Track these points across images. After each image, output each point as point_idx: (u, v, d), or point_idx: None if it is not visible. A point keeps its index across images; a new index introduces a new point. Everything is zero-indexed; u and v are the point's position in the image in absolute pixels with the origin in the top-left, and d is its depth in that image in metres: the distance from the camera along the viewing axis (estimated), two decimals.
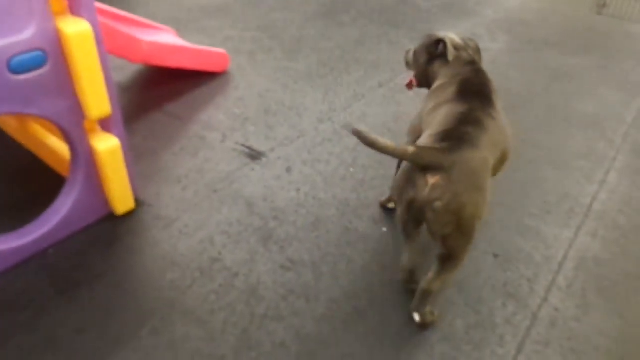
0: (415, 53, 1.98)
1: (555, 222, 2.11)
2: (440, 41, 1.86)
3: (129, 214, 2.02)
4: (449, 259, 1.55)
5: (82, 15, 1.64)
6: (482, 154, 1.46)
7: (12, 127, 2.39)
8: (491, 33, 3.80)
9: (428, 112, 1.74)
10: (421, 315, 1.64)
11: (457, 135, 1.47)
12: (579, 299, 1.79)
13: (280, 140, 2.52)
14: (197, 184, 2.21)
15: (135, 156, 2.33)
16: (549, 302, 1.77)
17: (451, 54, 1.82)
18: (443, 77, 1.83)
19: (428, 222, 1.46)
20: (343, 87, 3.03)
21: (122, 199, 1.98)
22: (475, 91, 1.69)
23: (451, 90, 1.72)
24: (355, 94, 2.96)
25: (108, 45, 2.62)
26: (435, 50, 1.88)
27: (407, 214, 1.52)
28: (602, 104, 2.97)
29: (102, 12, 2.86)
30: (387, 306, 1.72)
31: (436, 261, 1.58)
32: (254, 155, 2.40)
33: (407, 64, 2.05)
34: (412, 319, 1.67)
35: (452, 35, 1.90)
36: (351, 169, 2.34)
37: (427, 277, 1.60)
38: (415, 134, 1.82)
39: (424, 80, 1.98)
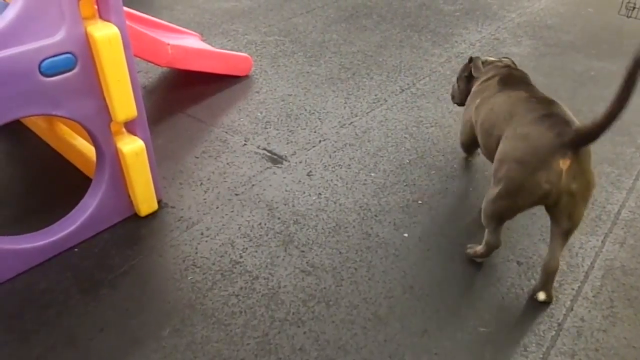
0: (456, 82, 2.30)
1: (581, 229, 2.06)
2: (471, 60, 2.14)
3: (152, 215, 2.05)
4: (570, 230, 1.65)
5: (110, 19, 1.67)
6: None
7: (40, 128, 2.45)
8: (515, 37, 3.75)
9: (477, 106, 1.94)
10: (547, 293, 1.72)
11: (559, 119, 1.58)
12: (606, 309, 1.75)
13: (301, 144, 2.52)
14: (219, 187, 2.22)
15: (158, 158, 2.36)
16: (575, 311, 1.73)
17: (476, 68, 2.09)
18: (479, 81, 2.06)
19: (561, 205, 1.57)
20: (365, 91, 3.02)
21: (145, 201, 2.00)
22: (517, 81, 1.89)
23: (493, 84, 1.93)
24: (376, 98, 2.95)
25: (134, 49, 2.66)
26: (468, 69, 2.16)
27: (530, 206, 1.63)
28: (629, 109, 2.90)
29: (129, 16, 2.91)
30: (408, 313, 1.70)
31: (557, 237, 1.66)
32: (276, 159, 2.41)
33: (453, 97, 2.39)
34: (430, 326, 1.65)
35: (486, 57, 2.15)
36: (372, 174, 2.33)
37: (552, 257, 1.67)
38: (470, 132, 2.05)
39: (465, 100, 2.21)
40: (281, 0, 4.35)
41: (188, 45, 2.94)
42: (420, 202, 2.17)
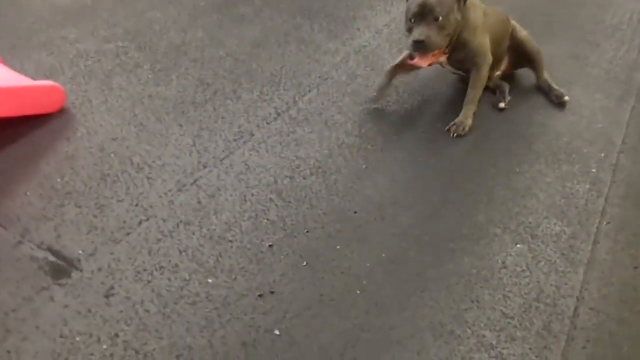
0: (444, 19, 1.97)
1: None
2: None
3: None
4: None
5: None
6: None
7: None
8: None
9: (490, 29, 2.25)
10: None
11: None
12: None
13: (109, 231, 1.66)
14: None
15: None
16: None
17: None
18: (479, 11, 2.19)
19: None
20: (225, 121, 2.16)
21: None
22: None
23: (491, 11, 2.27)
24: (239, 131, 2.10)
25: None
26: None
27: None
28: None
29: None
30: None
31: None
32: (60, 269, 1.54)
33: (431, 45, 1.97)
34: None
35: None
36: (209, 279, 1.51)
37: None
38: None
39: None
40: None
41: None
42: (277, 331, 1.38)
